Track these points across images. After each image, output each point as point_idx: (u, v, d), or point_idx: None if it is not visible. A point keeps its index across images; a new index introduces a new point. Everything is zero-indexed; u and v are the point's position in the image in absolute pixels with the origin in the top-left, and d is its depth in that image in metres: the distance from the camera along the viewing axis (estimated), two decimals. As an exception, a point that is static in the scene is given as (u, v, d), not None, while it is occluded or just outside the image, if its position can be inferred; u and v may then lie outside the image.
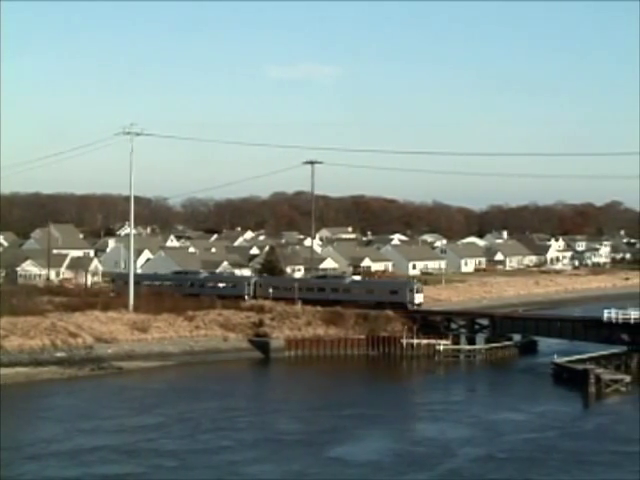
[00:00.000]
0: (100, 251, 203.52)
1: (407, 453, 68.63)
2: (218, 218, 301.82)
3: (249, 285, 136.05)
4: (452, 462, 65.79)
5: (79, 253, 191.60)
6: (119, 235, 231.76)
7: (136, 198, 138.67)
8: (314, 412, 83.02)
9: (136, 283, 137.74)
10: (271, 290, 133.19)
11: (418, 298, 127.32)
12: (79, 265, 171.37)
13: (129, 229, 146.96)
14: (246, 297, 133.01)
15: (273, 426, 77.39)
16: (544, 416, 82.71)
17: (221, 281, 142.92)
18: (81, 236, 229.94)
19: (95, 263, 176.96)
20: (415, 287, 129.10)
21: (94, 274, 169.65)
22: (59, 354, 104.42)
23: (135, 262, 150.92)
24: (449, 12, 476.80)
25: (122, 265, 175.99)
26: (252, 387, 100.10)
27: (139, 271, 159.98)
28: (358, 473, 63.42)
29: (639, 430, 76.48)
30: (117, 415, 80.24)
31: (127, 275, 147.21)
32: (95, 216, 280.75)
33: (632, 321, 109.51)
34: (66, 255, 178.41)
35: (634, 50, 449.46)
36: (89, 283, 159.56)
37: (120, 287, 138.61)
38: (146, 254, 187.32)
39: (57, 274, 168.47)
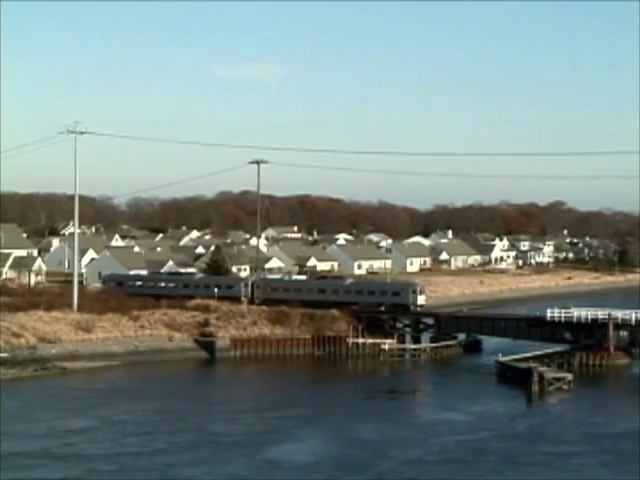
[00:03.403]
0: (44, 250, 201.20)
1: (341, 455, 68.64)
2: (163, 217, 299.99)
3: (246, 286, 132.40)
4: (383, 465, 65.85)
5: (22, 253, 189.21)
6: (63, 234, 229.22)
7: (80, 197, 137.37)
8: (255, 413, 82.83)
9: (129, 285, 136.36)
10: (270, 291, 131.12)
11: (421, 299, 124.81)
12: (22, 265, 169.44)
13: (73, 228, 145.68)
14: (243, 299, 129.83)
15: (212, 428, 76.93)
16: (483, 416, 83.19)
17: (217, 282, 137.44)
18: (24, 235, 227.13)
19: (39, 263, 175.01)
20: (418, 288, 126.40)
21: (37, 274, 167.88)
22: (2, 354, 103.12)
23: (79, 262, 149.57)
24: (396, 12, 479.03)
25: (66, 265, 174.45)
26: (194, 388, 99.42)
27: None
28: (289, 476, 63.52)
29: (573, 430, 77.59)
30: (53, 417, 79.38)
31: (121, 276, 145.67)
32: (39, 215, 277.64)
33: (575, 320, 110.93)
34: (9, 255, 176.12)
35: (580, 49, 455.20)
36: (32, 283, 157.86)
37: (113, 289, 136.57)
38: (90, 253, 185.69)
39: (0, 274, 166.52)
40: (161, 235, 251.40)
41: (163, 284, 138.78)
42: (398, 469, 64.97)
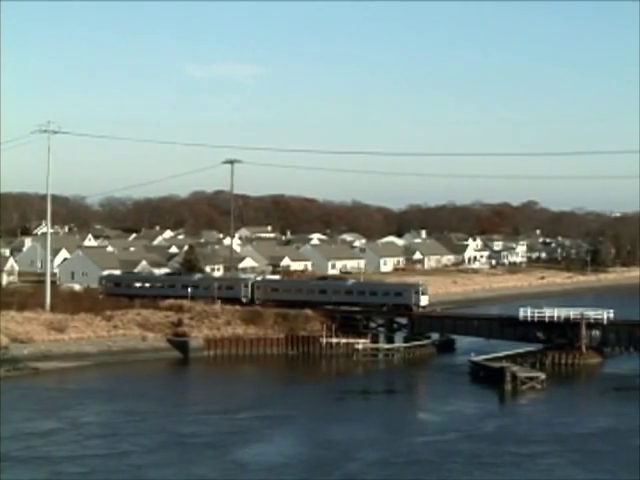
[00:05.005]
0: (16, 250, 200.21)
1: (310, 456, 68.71)
2: (137, 217, 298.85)
3: (246, 287, 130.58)
4: (350, 466, 65.84)
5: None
6: (36, 234, 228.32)
7: (53, 197, 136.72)
8: (226, 414, 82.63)
9: (127, 286, 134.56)
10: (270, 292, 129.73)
11: (424, 300, 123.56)
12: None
13: (46, 228, 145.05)
14: (243, 300, 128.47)
15: (182, 429, 76.69)
16: (454, 417, 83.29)
17: (216, 283, 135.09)
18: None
19: (11, 262, 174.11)
20: (420, 289, 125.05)
21: (10, 274, 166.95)
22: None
23: (52, 261, 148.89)
24: (373, 12, 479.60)
25: (39, 265, 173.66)
26: (167, 388, 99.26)
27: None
28: (257, 476, 63.55)
29: (544, 430, 77.77)
30: (23, 418, 78.79)
31: (116, 277, 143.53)
32: (11, 215, 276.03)
33: (547, 319, 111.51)
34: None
35: (562, 50, 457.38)
36: (4, 283, 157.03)
37: (109, 290, 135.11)
38: (63, 253, 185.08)
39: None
40: (134, 235, 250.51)
41: (162, 285, 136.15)
42: (364, 470, 64.99)
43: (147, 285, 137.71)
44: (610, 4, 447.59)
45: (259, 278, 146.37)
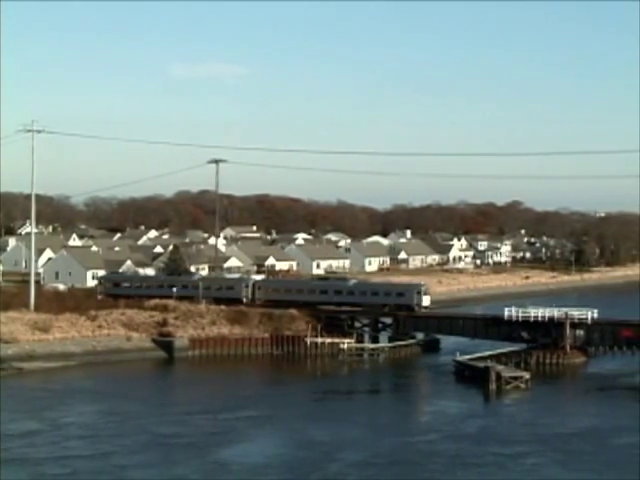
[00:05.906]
0: (0, 250, 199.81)
1: (292, 456, 68.58)
2: (122, 217, 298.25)
3: (247, 287, 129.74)
4: (331, 467, 65.69)
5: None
6: (20, 234, 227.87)
7: (38, 196, 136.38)
8: (210, 414, 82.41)
9: (128, 287, 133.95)
10: (271, 292, 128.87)
11: (426, 300, 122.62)
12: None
13: (30, 228, 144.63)
14: (244, 300, 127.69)
15: (165, 429, 76.37)
16: (438, 416, 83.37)
17: (217, 284, 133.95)
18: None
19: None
20: (422, 289, 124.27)
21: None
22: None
23: (36, 261, 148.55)
24: (357, 12, 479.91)
25: (23, 264, 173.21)
26: (151, 388, 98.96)
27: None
28: (238, 477, 63.41)
29: (527, 430, 77.83)
30: (6, 419, 78.15)
31: (118, 277, 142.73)
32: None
33: (532, 319, 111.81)
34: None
35: (544, 47, 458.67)
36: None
37: (109, 290, 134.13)
38: (48, 253, 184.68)
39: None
40: (119, 234, 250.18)
41: (161, 285, 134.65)
42: (345, 471, 64.86)
43: (147, 285, 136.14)
44: (609, 4, 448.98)
45: (259, 278, 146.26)
